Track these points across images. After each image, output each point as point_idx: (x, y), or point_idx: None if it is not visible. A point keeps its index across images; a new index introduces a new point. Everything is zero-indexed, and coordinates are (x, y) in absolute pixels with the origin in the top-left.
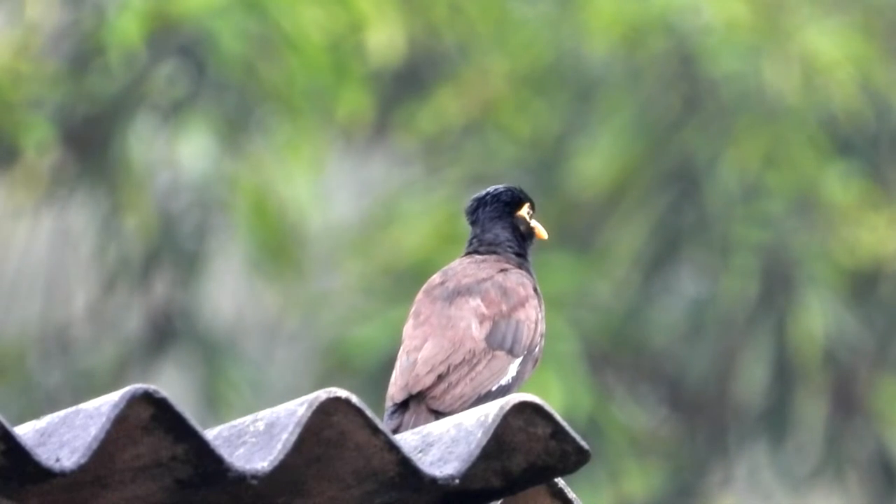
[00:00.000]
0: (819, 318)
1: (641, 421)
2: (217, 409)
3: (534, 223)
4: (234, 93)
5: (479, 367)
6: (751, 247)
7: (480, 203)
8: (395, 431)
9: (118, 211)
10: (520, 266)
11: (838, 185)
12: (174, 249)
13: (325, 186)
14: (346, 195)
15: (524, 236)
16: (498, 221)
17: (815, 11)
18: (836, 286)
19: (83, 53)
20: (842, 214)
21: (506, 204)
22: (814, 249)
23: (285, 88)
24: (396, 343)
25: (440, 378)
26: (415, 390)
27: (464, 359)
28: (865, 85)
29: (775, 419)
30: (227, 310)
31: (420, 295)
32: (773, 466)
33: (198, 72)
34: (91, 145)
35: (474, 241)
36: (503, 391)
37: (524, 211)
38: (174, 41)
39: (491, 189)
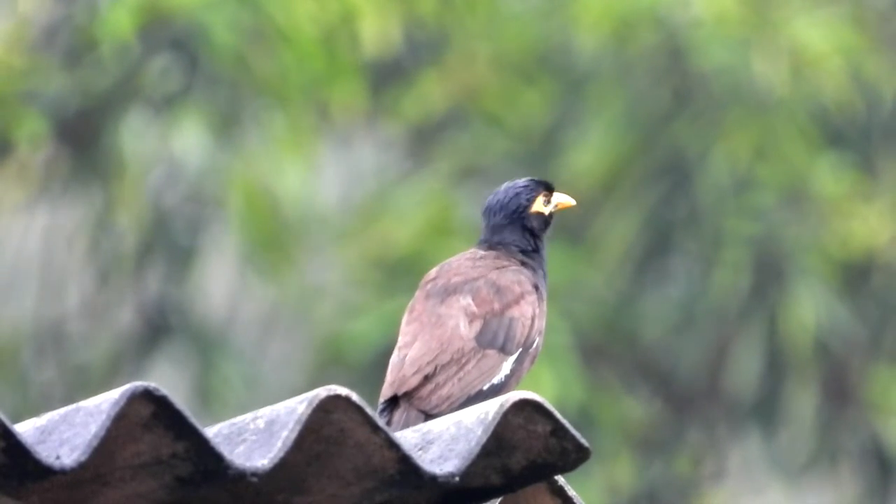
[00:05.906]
0: (811, 309)
1: (634, 412)
2: (210, 403)
3: (549, 208)
4: (227, 86)
5: (468, 367)
6: (742, 239)
7: (490, 210)
8: None
9: (111, 205)
10: (522, 263)
11: (829, 176)
12: (167, 244)
13: (315, 177)
14: (337, 186)
15: (535, 231)
16: (507, 227)
17: (804, 3)
18: (827, 278)
19: (76, 47)
20: (833, 206)
21: (513, 211)
22: (805, 241)
23: (278, 81)
24: (390, 337)
25: (427, 379)
26: (401, 391)
27: (452, 358)
28: (855, 76)
29: (768, 410)
30: (220, 304)
31: (418, 289)
32: (765, 457)
33: (191, 65)
34: (84, 139)
35: (483, 239)
36: (495, 390)
37: (538, 205)
38: (167, 34)
39: (501, 192)
